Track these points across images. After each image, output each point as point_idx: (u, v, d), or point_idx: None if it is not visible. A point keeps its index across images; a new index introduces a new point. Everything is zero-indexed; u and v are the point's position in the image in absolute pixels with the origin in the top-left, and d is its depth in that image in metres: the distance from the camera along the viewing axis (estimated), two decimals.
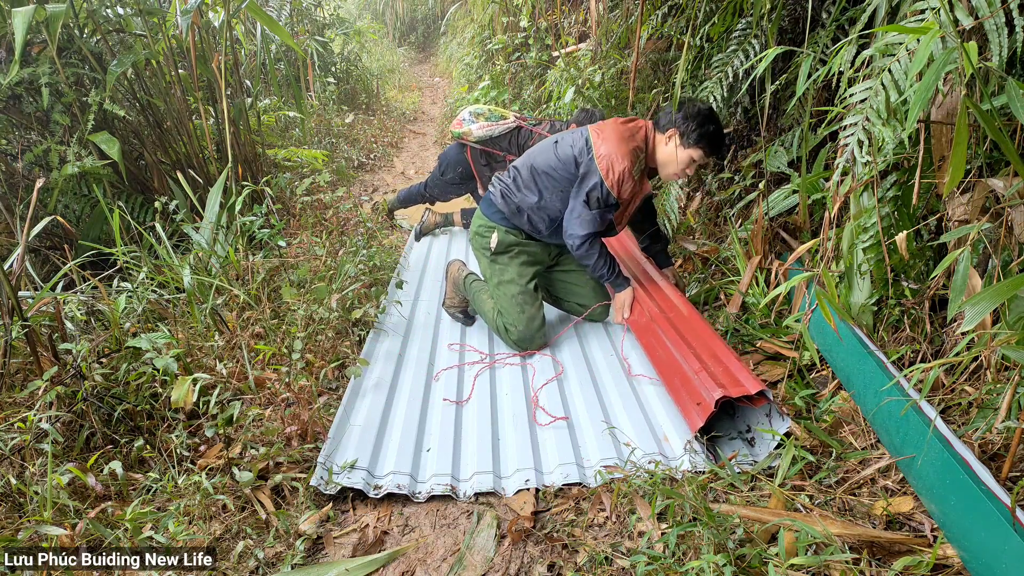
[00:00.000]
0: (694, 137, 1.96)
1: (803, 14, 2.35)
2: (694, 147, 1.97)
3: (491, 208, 2.25)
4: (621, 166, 1.97)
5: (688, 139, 1.97)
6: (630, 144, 2.00)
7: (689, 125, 1.95)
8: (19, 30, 2.16)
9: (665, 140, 2.02)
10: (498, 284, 2.20)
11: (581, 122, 2.86)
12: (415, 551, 1.41)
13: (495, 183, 2.27)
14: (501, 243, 2.21)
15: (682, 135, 1.97)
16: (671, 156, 2.02)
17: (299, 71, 5.36)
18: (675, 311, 2.06)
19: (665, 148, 2.02)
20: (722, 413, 1.74)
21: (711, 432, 1.64)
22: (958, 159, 1.15)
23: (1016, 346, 1.18)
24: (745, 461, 1.57)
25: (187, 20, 2.77)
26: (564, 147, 2.10)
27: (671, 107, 2.00)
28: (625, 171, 1.97)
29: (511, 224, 2.21)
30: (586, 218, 2.05)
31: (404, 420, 1.81)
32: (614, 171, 1.97)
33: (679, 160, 2.01)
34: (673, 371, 1.80)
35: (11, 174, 2.65)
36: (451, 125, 3.18)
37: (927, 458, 1.30)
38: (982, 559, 1.13)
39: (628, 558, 1.31)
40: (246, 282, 2.38)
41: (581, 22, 4.80)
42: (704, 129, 1.95)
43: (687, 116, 1.95)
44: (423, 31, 11.97)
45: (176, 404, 1.61)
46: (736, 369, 1.67)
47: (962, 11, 1.30)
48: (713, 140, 1.98)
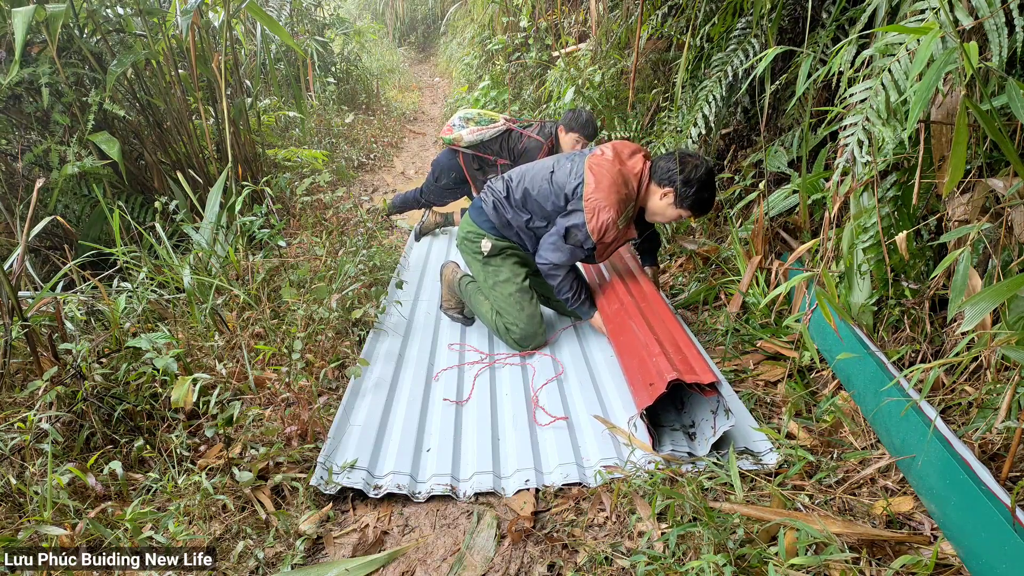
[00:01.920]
0: (689, 202, 1.97)
1: (803, 14, 2.36)
2: (685, 209, 1.99)
3: (481, 216, 2.25)
4: (606, 216, 1.95)
5: (683, 202, 1.97)
6: (621, 192, 1.97)
7: (687, 190, 1.95)
8: (19, 30, 2.16)
9: (660, 194, 2.01)
10: (494, 286, 2.21)
11: (568, 123, 2.87)
12: (415, 551, 1.41)
13: (487, 192, 2.27)
14: (494, 247, 2.22)
15: (677, 196, 1.97)
16: (662, 211, 2.04)
17: (299, 71, 5.36)
18: (646, 302, 2.07)
19: (658, 201, 2.02)
20: (670, 406, 1.81)
21: (659, 423, 1.73)
22: (958, 159, 1.15)
23: (1016, 346, 1.18)
24: (680, 451, 1.62)
25: (187, 20, 2.77)
26: (560, 176, 2.09)
27: (673, 160, 1.97)
28: (609, 222, 1.96)
29: (500, 234, 2.23)
30: (561, 248, 2.06)
31: (404, 420, 1.81)
32: (598, 219, 1.96)
33: (667, 215, 2.04)
34: (633, 353, 1.84)
35: (11, 174, 2.65)
36: (442, 131, 3.18)
37: (927, 458, 1.30)
38: (982, 559, 1.13)
39: (628, 558, 1.31)
40: (246, 282, 2.38)
41: (581, 22, 4.80)
42: (699, 196, 1.96)
43: (687, 181, 1.94)
44: (423, 31, 11.97)
45: (176, 404, 1.61)
46: (693, 358, 1.71)
47: (962, 11, 1.30)
48: (706, 206, 2.00)
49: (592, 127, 2.85)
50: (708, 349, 2.09)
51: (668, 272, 2.76)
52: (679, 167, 1.95)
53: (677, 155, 1.98)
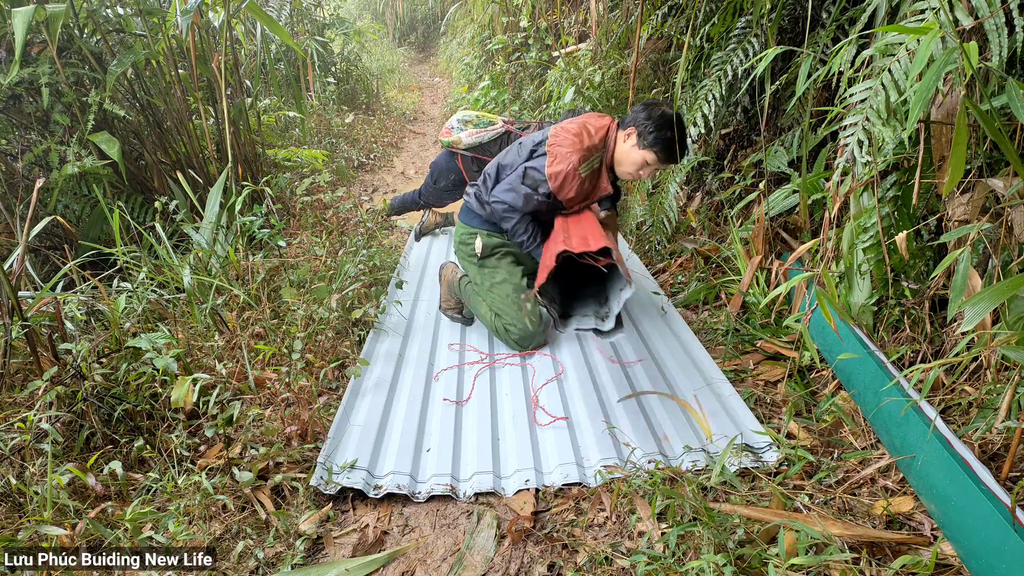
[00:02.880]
0: (650, 139, 1.91)
1: (803, 14, 2.35)
2: (648, 149, 1.93)
3: (469, 215, 2.27)
4: (566, 163, 1.93)
5: (644, 140, 1.92)
6: (585, 141, 1.94)
7: (648, 126, 1.90)
8: (19, 30, 2.16)
9: (624, 136, 1.97)
10: (491, 287, 2.21)
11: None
12: (415, 551, 1.41)
13: (469, 190, 2.29)
14: (486, 247, 2.22)
15: (639, 135, 1.92)
16: (627, 155, 1.99)
17: (299, 71, 5.36)
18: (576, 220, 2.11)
19: (623, 145, 1.99)
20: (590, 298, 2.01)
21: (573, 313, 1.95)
22: (958, 159, 1.15)
23: (1016, 346, 1.18)
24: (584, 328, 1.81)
25: (187, 20, 2.77)
26: (528, 141, 2.12)
27: (642, 106, 1.96)
28: (569, 168, 1.92)
29: (491, 226, 2.23)
30: (516, 189, 2.04)
31: (404, 420, 1.81)
32: (556, 164, 1.94)
33: (632, 160, 1.98)
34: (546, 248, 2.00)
35: (11, 174, 2.65)
36: (440, 134, 3.18)
37: (927, 458, 1.30)
38: (982, 559, 1.13)
39: (628, 558, 1.31)
40: (246, 282, 2.38)
41: (581, 22, 4.80)
42: (661, 134, 1.90)
43: (649, 116, 1.90)
44: (423, 31, 11.97)
45: (176, 404, 1.61)
46: (593, 237, 1.82)
47: (962, 11, 1.30)
48: (668, 147, 1.92)
49: None
50: (708, 349, 2.09)
51: (668, 271, 2.77)
52: (643, 108, 1.93)
53: (640, 104, 1.96)
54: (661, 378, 1.97)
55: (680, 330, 2.23)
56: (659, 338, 2.20)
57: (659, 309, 2.39)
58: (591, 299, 2.01)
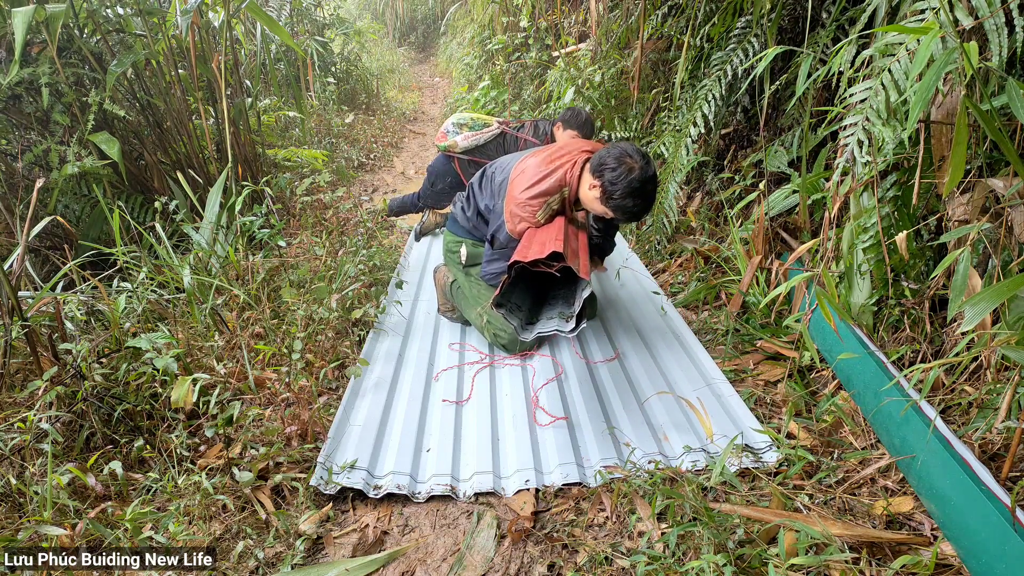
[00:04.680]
0: (612, 204, 1.84)
1: (803, 14, 2.35)
2: (608, 208, 1.87)
3: (455, 225, 2.31)
4: (526, 223, 1.93)
5: (607, 200, 1.84)
6: (543, 185, 1.89)
7: (614, 190, 1.81)
8: (19, 30, 2.16)
9: (589, 184, 1.89)
10: (478, 294, 2.23)
11: (567, 120, 2.86)
12: (415, 551, 1.41)
13: (455, 202, 2.32)
14: (471, 256, 2.24)
15: (604, 192, 1.84)
16: (589, 202, 1.94)
17: (299, 71, 5.36)
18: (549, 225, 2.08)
19: (587, 191, 1.91)
20: (560, 300, 2.02)
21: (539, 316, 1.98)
22: (958, 159, 1.15)
23: (1016, 346, 1.18)
24: (546, 332, 1.82)
25: (187, 20, 2.77)
26: (500, 174, 2.11)
27: (614, 151, 1.84)
28: (531, 225, 1.93)
29: (475, 237, 2.25)
30: (494, 260, 2.12)
31: (404, 420, 1.81)
32: (520, 224, 1.97)
33: (595, 209, 1.94)
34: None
35: (11, 174, 2.65)
36: (435, 138, 3.17)
37: (927, 458, 1.30)
38: (982, 559, 1.13)
39: (628, 558, 1.31)
40: (246, 282, 2.38)
41: (581, 22, 4.80)
42: (622, 202, 1.82)
43: (617, 179, 1.79)
44: (423, 31, 11.97)
45: (176, 404, 1.61)
46: (550, 244, 1.79)
47: (962, 11, 1.30)
48: (629, 215, 1.87)
49: (590, 127, 2.85)
50: (708, 349, 2.09)
51: (668, 271, 2.77)
52: (615, 164, 1.81)
53: (618, 149, 1.83)
54: (661, 378, 1.98)
55: (680, 330, 2.24)
56: (659, 338, 2.20)
57: (659, 309, 2.39)
58: (561, 301, 2.01)
